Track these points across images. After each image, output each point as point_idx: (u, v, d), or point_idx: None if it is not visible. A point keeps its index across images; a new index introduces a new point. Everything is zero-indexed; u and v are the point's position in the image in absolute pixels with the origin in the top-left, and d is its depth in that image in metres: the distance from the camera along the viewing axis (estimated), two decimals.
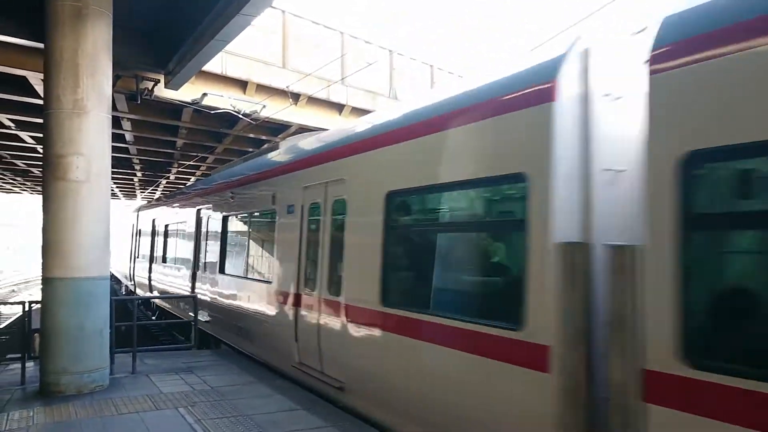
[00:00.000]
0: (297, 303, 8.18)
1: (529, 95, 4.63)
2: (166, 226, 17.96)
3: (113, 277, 30.05)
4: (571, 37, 4.66)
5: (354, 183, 7.00)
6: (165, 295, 16.98)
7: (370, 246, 6.39)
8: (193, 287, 13.58)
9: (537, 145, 4.44)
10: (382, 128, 6.78)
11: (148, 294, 19.65)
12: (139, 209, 23.84)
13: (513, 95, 4.83)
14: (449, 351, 5.16)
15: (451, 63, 22.80)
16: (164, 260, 17.76)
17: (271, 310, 9.04)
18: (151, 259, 19.82)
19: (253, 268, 10.43)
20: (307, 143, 9.31)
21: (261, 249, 10.34)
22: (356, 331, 6.61)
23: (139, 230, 23.08)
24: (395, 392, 5.89)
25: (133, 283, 23.42)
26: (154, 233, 19.93)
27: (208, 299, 12.24)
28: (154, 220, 20.15)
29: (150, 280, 19.64)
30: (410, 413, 5.70)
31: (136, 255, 23.10)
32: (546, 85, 4.48)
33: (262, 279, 9.65)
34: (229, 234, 11.95)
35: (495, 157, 4.92)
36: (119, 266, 28.22)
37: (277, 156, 10.46)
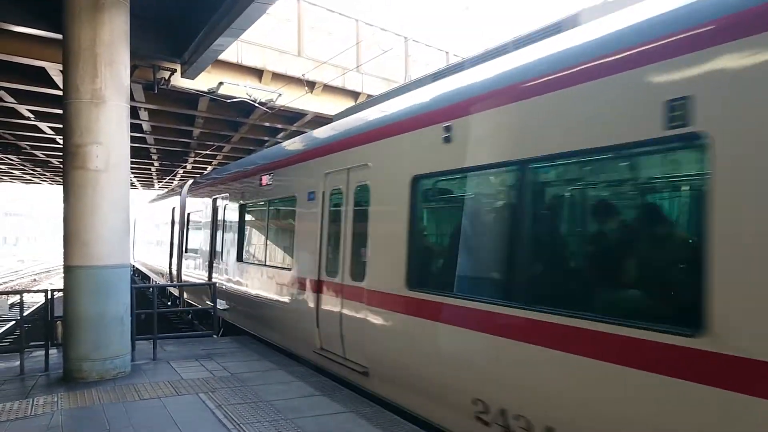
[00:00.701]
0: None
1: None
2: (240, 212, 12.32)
3: (139, 272, 29.44)
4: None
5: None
6: (185, 284, 17.06)
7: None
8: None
9: None
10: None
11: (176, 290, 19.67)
12: (188, 189, 18.06)
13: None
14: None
15: (467, 49, 22.66)
16: (240, 258, 12.23)
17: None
18: (215, 254, 14.07)
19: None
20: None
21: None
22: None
23: (188, 216, 17.76)
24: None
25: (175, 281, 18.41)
26: (219, 222, 13.95)
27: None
28: (220, 206, 14.14)
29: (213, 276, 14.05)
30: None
31: (183, 248, 18.03)
32: None
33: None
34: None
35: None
36: (152, 260, 24.49)
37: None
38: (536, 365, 4.44)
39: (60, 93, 11.08)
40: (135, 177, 38.74)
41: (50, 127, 20.47)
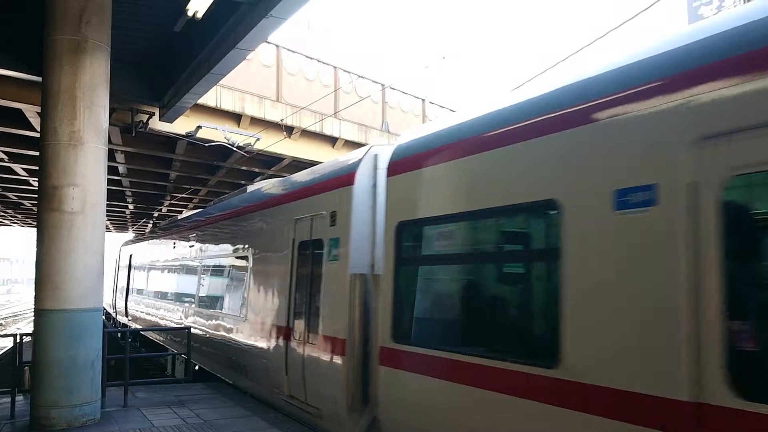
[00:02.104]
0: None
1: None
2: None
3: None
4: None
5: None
6: (158, 327, 16.88)
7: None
8: None
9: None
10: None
11: (139, 328, 19.48)
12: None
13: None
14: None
15: (443, 96, 23.14)
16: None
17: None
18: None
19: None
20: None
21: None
22: None
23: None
24: None
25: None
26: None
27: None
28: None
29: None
30: None
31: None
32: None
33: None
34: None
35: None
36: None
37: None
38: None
39: (36, 135, 11.05)
40: (109, 220, 38.31)
41: (24, 169, 20.29)
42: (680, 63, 3.73)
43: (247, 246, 10.50)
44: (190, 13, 9.42)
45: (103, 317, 12.88)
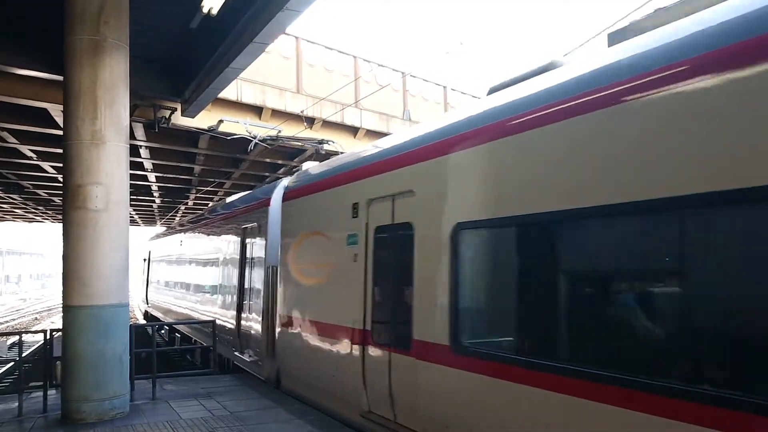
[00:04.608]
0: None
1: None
2: None
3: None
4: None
5: None
6: (186, 321, 17.13)
7: None
8: None
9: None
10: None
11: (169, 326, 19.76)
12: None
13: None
14: None
15: (465, 83, 22.91)
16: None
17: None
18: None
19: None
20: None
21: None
22: None
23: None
24: None
25: None
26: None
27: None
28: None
29: None
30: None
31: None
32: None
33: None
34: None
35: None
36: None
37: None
38: None
39: (61, 133, 11.22)
40: (137, 214, 38.87)
41: (52, 167, 20.64)
42: None
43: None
44: (205, 10, 9.47)
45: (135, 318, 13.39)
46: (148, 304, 26.66)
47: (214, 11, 9.46)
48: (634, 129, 3.73)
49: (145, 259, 28.81)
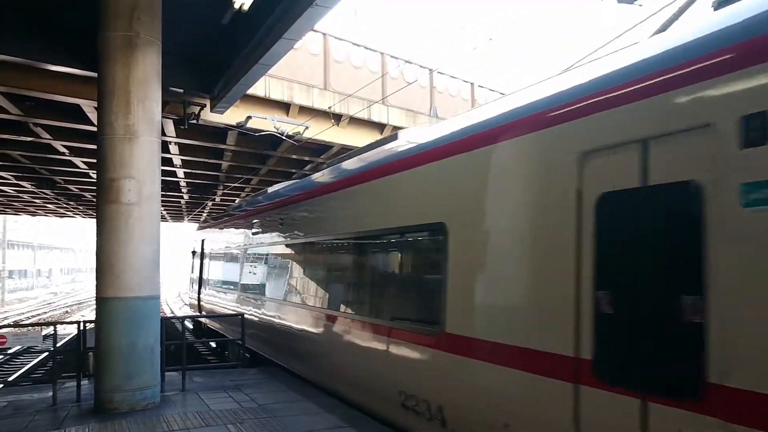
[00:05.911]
0: None
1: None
2: None
3: None
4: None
5: None
6: (212, 315, 17.28)
7: None
8: None
9: None
10: None
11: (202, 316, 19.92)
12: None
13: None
14: None
15: (492, 80, 22.76)
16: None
17: None
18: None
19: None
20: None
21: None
22: None
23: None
24: None
25: None
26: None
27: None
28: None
29: None
30: None
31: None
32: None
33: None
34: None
35: None
36: None
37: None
38: None
39: (94, 129, 11.42)
40: (165, 210, 39.33)
41: (84, 162, 20.98)
42: None
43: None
44: (236, 6, 9.54)
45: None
46: (201, 309, 19.97)
47: (246, 7, 9.53)
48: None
49: (194, 252, 22.24)
